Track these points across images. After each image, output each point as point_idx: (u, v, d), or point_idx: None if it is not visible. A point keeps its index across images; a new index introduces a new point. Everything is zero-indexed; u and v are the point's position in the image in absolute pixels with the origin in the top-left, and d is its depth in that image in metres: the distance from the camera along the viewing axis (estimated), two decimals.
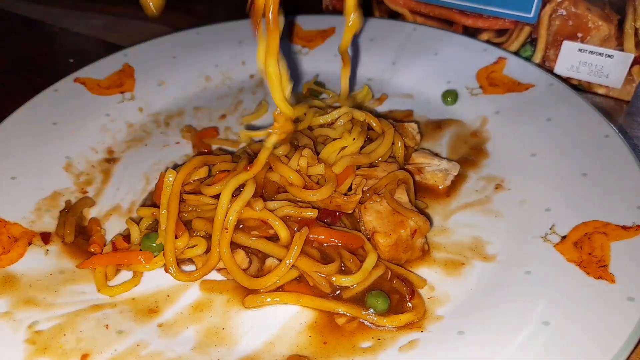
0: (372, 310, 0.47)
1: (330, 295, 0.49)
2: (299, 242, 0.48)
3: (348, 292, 0.48)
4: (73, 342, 0.46)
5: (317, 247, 0.50)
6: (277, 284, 0.49)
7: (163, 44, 0.80)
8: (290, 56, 0.79)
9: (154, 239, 0.51)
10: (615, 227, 0.50)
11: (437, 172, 0.58)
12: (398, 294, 0.48)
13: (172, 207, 0.51)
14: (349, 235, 0.51)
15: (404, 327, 0.46)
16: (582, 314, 0.44)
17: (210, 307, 0.49)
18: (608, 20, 0.67)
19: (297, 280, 0.50)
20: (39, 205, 0.58)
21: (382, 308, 0.47)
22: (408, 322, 0.46)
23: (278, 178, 0.53)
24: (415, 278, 0.50)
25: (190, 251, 0.51)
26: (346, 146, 0.56)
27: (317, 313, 0.48)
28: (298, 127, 0.59)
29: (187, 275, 0.50)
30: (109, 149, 0.67)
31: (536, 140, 0.61)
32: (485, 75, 0.70)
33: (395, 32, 0.78)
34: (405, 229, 0.50)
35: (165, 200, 0.52)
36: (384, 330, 0.46)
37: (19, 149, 0.63)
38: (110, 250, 0.53)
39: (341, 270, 0.49)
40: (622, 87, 0.71)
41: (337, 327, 0.47)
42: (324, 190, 0.51)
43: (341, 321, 0.47)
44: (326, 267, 0.48)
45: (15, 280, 0.51)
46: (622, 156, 0.55)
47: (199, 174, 0.55)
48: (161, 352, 0.46)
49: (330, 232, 0.50)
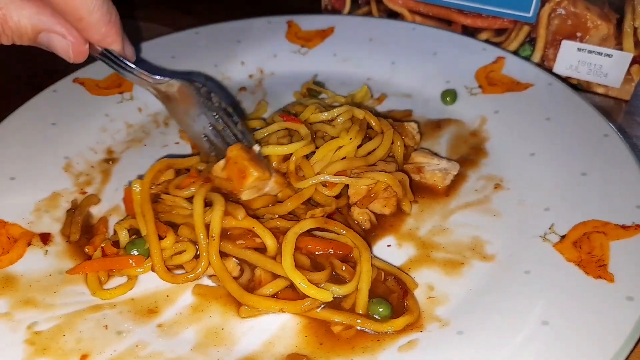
0: (376, 316, 0.47)
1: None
2: (287, 259, 0.48)
3: (349, 301, 0.48)
4: (72, 343, 0.46)
5: (308, 254, 0.50)
6: (270, 293, 0.48)
7: (162, 43, 0.80)
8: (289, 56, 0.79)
9: (139, 244, 0.51)
10: (614, 227, 0.50)
11: (436, 172, 0.58)
12: (394, 293, 0.48)
13: (147, 211, 0.52)
14: (336, 243, 0.51)
15: (403, 330, 0.46)
16: (581, 314, 0.44)
17: (210, 308, 0.49)
18: (607, 19, 0.67)
19: (291, 287, 0.49)
20: (38, 206, 0.58)
21: (386, 314, 0.47)
22: (406, 324, 0.46)
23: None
24: (407, 278, 0.50)
25: (179, 258, 0.51)
26: (342, 146, 0.56)
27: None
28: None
29: (173, 277, 0.50)
30: (108, 150, 0.66)
31: (535, 140, 0.61)
32: (484, 75, 0.70)
33: (394, 32, 0.78)
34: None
35: (138, 208, 0.53)
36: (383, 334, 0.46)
37: (18, 150, 0.63)
38: (100, 256, 0.52)
39: (334, 279, 0.49)
40: (621, 87, 0.71)
41: (331, 331, 0.47)
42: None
43: (337, 329, 0.46)
44: (316, 275, 0.48)
45: (14, 280, 0.51)
46: (621, 155, 0.55)
47: (165, 177, 0.56)
48: (161, 352, 0.46)
49: (318, 241, 0.50)
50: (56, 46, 0.52)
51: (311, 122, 0.60)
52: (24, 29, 0.51)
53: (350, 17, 0.83)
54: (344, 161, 0.55)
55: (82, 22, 0.52)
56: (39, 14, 0.51)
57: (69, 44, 0.52)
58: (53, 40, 0.52)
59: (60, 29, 0.52)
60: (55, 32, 0.51)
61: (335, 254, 0.50)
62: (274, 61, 0.78)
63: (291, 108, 0.66)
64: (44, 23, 0.51)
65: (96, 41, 0.54)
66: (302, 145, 0.55)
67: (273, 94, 0.74)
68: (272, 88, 0.75)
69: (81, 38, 0.53)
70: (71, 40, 0.52)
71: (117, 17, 0.55)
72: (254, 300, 0.47)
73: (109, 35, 0.54)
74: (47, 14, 0.51)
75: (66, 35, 0.52)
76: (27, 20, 0.50)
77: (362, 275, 0.48)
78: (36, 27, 0.51)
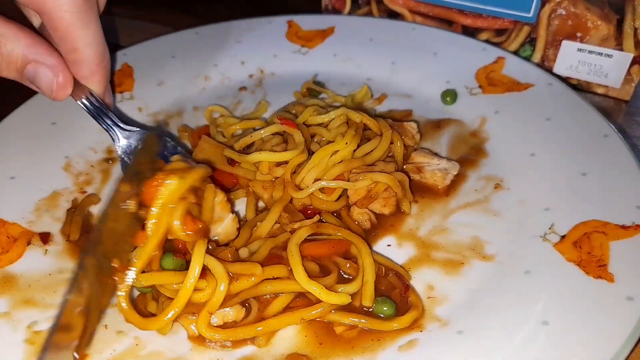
0: (381, 315, 0.47)
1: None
2: (300, 272, 0.46)
3: (357, 297, 0.48)
4: None
5: (313, 260, 0.49)
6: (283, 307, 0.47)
7: (162, 43, 0.80)
8: (289, 55, 0.79)
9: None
10: (614, 227, 0.50)
11: (436, 172, 0.58)
12: (396, 289, 0.49)
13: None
14: (335, 241, 0.50)
15: (410, 327, 0.46)
16: (581, 314, 0.44)
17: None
18: (607, 19, 0.67)
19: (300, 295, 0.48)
20: (38, 205, 0.58)
21: (391, 313, 0.47)
22: (412, 320, 0.46)
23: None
24: (400, 269, 0.50)
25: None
26: (338, 150, 0.56)
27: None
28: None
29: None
30: (108, 149, 0.66)
31: (535, 140, 0.61)
32: (485, 75, 0.70)
33: (395, 32, 0.78)
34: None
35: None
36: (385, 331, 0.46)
37: (18, 149, 0.63)
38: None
39: (342, 279, 0.49)
40: (621, 87, 0.71)
41: (331, 331, 0.47)
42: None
43: (340, 329, 0.46)
44: (325, 280, 0.47)
45: (14, 280, 0.51)
46: (621, 156, 0.55)
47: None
48: (160, 352, 0.46)
49: (318, 245, 0.50)
50: (41, 80, 0.53)
51: (309, 124, 0.60)
52: (15, 58, 0.51)
53: (350, 17, 0.83)
54: (341, 164, 0.55)
55: (75, 54, 0.53)
56: (33, 46, 0.52)
57: (54, 80, 0.52)
58: (39, 74, 0.52)
59: (50, 61, 0.52)
60: (45, 63, 0.52)
61: (336, 252, 0.50)
62: (274, 61, 0.78)
63: (291, 108, 0.66)
64: (35, 55, 0.52)
65: (83, 77, 0.55)
66: (295, 154, 0.55)
67: (273, 93, 0.74)
68: (272, 88, 0.75)
69: (69, 74, 0.54)
70: (58, 73, 0.52)
71: (109, 64, 0.57)
72: (272, 325, 0.46)
73: (96, 75, 0.55)
74: (41, 47, 0.52)
75: (56, 66, 0.52)
76: (20, 51, 0.51)
77: (366, 269, 0.48)
78: (26, 58, 0.51)
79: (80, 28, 0.52)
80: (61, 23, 0.51)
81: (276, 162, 0.56)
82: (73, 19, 0.51)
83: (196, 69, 0.77)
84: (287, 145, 0.58)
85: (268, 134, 0.59)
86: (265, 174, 0.56)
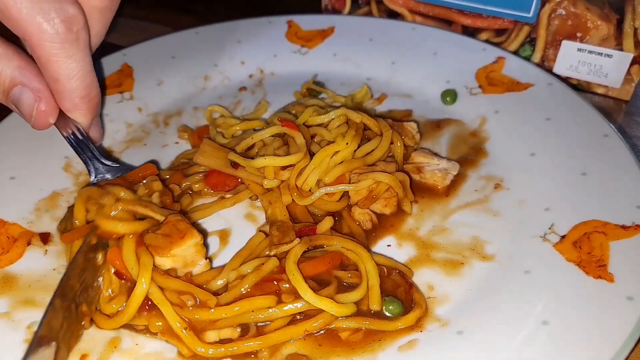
0: (387, 314, 0.47)
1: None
2: (305, 290, 0.46)
3: (363, 302, 0.47)
4: None
5: (311, 278, 0.48)
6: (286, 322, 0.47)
7: (162, 43, 0.80)
8: (289, 55, 0.79)
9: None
10: (614, 227, 0.50)
11: (436, 172, 0.58)
12: (400, 287, 0.49)
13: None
14: (330, 255, 0.50)
15: (416, 325, 0.46)
16: (581, 314, 0.44)
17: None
18: (607, 19, 0.67)
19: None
20: (38, 206, 0.58)
21: (398, 312, 0.47)
22: (417, 318, 0.46)
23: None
24: (402, 267, 0.50)
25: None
26: (339, 151, 0.55)
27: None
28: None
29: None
30: (108, 149, 0.66)
31: (535, 140, 0.61)
32: (485, 75, 0.70)
33: (395, 32, 0.78)
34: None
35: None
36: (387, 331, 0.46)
37: (18, 149, 0.63)
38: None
39: (344, 288, 0.48)
40: (621, 87, 0.71)
41: (331, 331, 0.46)
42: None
43: (345, 334, 0.46)
44: (324, 292, 0.47)
45: (14, 280, 0.51)
46: (621, 155, 0.55)
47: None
48: (160, 352, 0.46)
49: (315, 263, 0.49)
50: (24, 103, 0.52)
51: (309, 124, 0.60)
52: (3, 78, 0.51)
53: (350, 17, 0.83)
54: (342, 165, 0.55)
55: (56, 84, 0.51)
56: (24, 69, 0.51)
57: (34, 106, 0.52)
58: (22, 97, 0.51)
59: (37, 85, 0.51)
60: (31, 87, 0.51)
61: (333, 266, 0.49)
62: (274, 61, 0.78)
63: (291, 108, 0.66)
64: (22, 77, 0.51)
65: (66, 109, 0.53)
66: (299, 157, 0.55)
67: (273, 93, 0.74)
68: (272, 88, 0.75)
69: (52, 103, 0.52)
70: (41, 99, 0.51)
71: (98, 98, 0.55)
72: (274, 338, 0.45)
73: (79, 107, 0.53)
74: (31, 71, 0.51)
75: (40, 91, 0.51)
76: (10, 72, 0.51)
77: (370, 273, 0.48)
78: (14, 80, 0.51)
79: (64, 58, 0.50)
80: (42, 52, 0.49)
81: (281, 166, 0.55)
82: (55, 50, 0.49)
83: (196, 69, 0.77)
84: (289, 148, 0.57)
85: (268, 135, 0.59)
86: (271, 179, 0.55)
